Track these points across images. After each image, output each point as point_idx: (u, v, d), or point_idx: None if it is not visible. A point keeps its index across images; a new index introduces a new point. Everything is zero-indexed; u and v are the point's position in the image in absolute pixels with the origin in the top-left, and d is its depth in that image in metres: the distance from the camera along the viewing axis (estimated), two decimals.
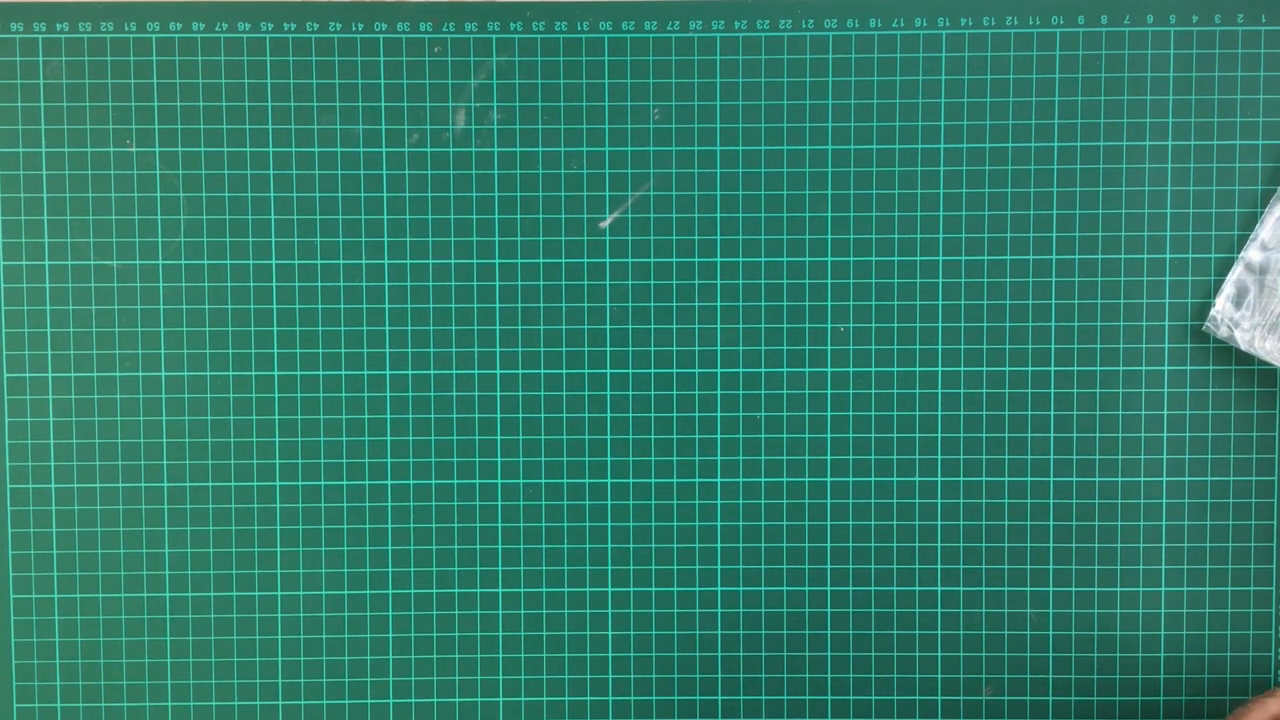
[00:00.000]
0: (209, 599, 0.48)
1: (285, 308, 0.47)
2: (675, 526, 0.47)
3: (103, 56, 0.46)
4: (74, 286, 0.47)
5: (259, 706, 0.48)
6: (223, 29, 0.46)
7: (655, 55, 0.46)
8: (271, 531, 0.47)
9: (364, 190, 0.47)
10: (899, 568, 0.47)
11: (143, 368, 0.47)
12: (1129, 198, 0.46)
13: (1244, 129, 0.46)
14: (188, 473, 0.47)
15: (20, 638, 0.48)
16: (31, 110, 0.47)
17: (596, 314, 0.47)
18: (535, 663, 0.48)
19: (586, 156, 0.47)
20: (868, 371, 0.47)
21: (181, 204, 0.47)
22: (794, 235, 0.47)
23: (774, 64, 0.46)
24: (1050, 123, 0.46)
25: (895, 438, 0.47)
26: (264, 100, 0.47)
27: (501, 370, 0.47)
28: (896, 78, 0.46)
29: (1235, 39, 0.46)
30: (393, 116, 0.47)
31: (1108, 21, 0.46)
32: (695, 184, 0.47)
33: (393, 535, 0.47)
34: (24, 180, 0.47)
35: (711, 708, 0.48)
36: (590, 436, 0.47)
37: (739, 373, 0.47)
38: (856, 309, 0.47)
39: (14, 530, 0.47)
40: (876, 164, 0.47)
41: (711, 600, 0.48)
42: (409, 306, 0.47)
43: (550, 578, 0.48)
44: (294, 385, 0.47)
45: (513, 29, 0.46)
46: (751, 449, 0.47)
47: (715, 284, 0.47)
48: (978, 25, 0.46)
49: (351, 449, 0.47)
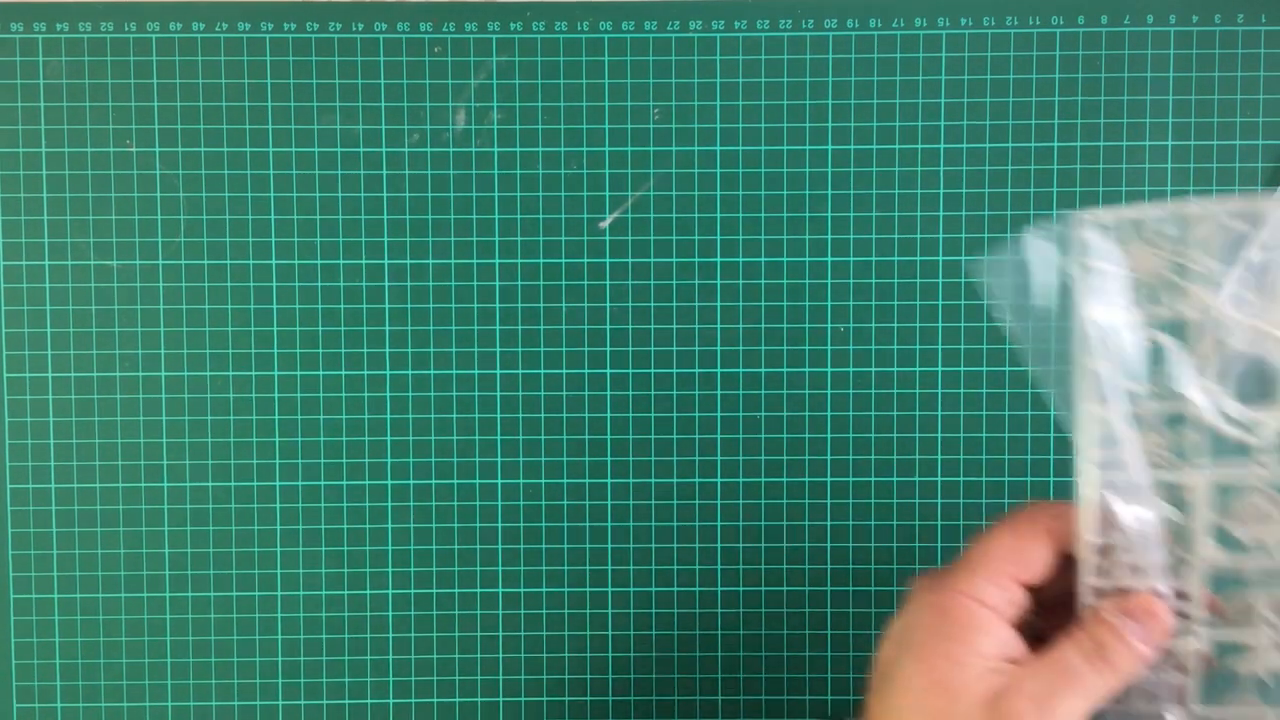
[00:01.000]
0: (209, 599, 0.48)
1: (285, 308, 0.47)
2: (675, 526, 0.47)
3: (103, 56, 0.46)
4: (74, 286, 0.47)
5: (259, 706, 0.48)
6: (223, 29, 0.46)
7: (655, 55, 0.46)
8: (271, 531, 0.47)
9: (364, 190, 0.47)
10: (899, 568, 0.47)
11: (143, 368, 0.47)
12: (1129, 198, 0.46)
13: (1244, 129, 0.46)
14: (188, 473, 0.47)
15: (20, 638, 0.48)
16: (31, 110, 0.47)
17: (596, 314, 0.47)
18: (535, 663, 0.48)
19: (586, 156, 0.47)
20: (868, 371, 0.47)
21: (181, 204, 0.47)
22: (794, 235, 0.47)
23: (774, 64, 0.46)
24: (1050, 123, 0.46)
25: (895, 438, 0.47)
26: (264, 100, 0.47)
27: (501, 370, 0.47)
28: (896, 78, 0.46)
29: (1235, 39, 0.46)
30: (393, 116, 0.47)
31: (1108, 21, 0.46)
32: (695, 184, 0.47)
33: (393, 535, 0.47)
34: (24, 180, 0.47)
35: (711, 708, 0.48)
36: (590, 436, 0.47)
37: (739, 373, 0.47)
38: (856, 309, 0.47)
39: (14, 530, 0.47)
40: (876, 164, 0.47)
41: (711, 600, 0.48)
42: (409, 306, 0.47)
43: (550, 578, 0.48)
44: (294, 385, 0.47)
45: (513, 29, 0.46)
46: (751, 449, 0.47)
47: (715, 284, 0.47)
48: (978, 25, 0.46)
49: (351, 449, 0.47)
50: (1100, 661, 0.33)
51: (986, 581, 0.34)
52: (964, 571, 0.35)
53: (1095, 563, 0.35)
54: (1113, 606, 0.34)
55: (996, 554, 0.35)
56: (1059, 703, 0.32)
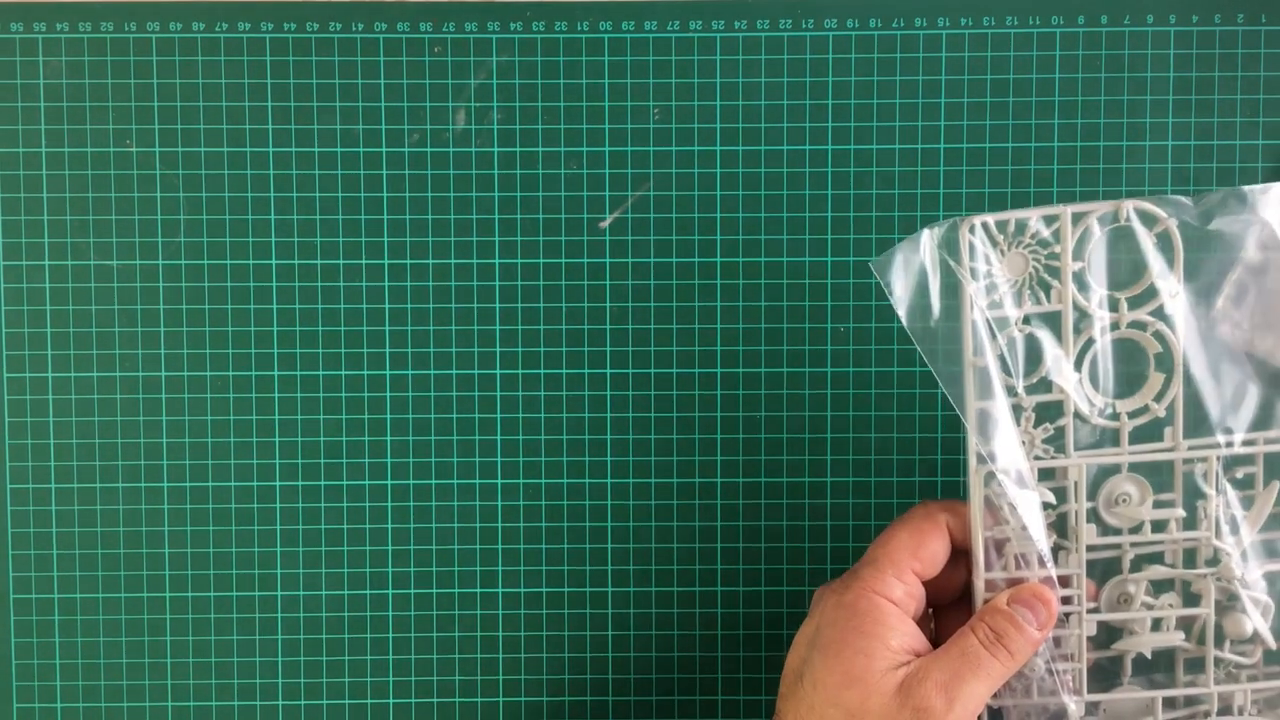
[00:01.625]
0: (209, 599, 0.48)
1: (285, 308, 0.47)
2: (675, 526, 0.47)
3: (103, 56, 0.46)
4: (74, 286, 0.47)
5: (259, 706, 0.48)
6: (223, 29, 0.46)
7: (655, 55, 0.46)
8: (271, 531, 0.47)
9: (364, 190, 0.47)
10: None
11: (143, 368, 0.47)
12: (1129, 198, 0.46)
13: (1244, 129, 0.46)
14: (188, 473, 0.47)
15: (20, 638, 0.48)
16: (31, 110, 0.47)
17: (596, 314, 0.47)
18: (535, 663, 0.48)
19: (586, 156, 0.47)
20: (868, 371, 0.47)
21: (181, 204, 0.47)
22: (794, 235, 0.47)
23: (774, 64, 0.46)
24: (1050, 123, 0.46)
25: (895, 438, 0.47)
26: (264, 100, 0.47)
27: (501, 370, 0.47)
28: (896, 78, 0.46)
29: (1235, 39, 0.46)
30: (393, 116, 0.47)
31: (1108, 21, 0.46)
32: (695, 184, 0.47)
33: (393, 535, 0.47)
34: (24, 180, 0.47)
35: (711, 708, 0.48)
36: (590, 436, 0.47)
37: (739, 373, 0.47)
38: (856, 309, 0.47)
39: (14, 530, 0.47)
40: (876, 164, 0.47)
41: (711, 600, 0.48)
42: (409, 306, 0.47)
43: (550, 578, 0.48)
44: (294, 385, 0.47)
45: (513, 29, 0.46)
46: (751, 449, 0.47)
47: (715, 284, 0.47)
48: (978, 25, 0.46)
49: (351, 449, 0.47)
50: (998, 648, 0.36)
51: (893, 578, 0.37)
52: (870, 569, 0.37)
53: (986, 555, 0.37)
54: (1006, 596, 0.37)
55: (899, 551, 0.37)
56: (963, 687, 0.35)
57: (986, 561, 0.37)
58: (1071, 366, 0.37)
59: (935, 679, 0.35)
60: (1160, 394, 0.37)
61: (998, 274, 0.37)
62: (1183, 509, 0.37)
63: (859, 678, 0.35)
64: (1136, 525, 0.38)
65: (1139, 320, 0.37)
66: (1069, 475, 0.37)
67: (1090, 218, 0.36)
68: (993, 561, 0.37)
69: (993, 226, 0.37)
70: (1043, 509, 0.37)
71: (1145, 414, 0.37)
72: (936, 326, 0.37)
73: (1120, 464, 0.37)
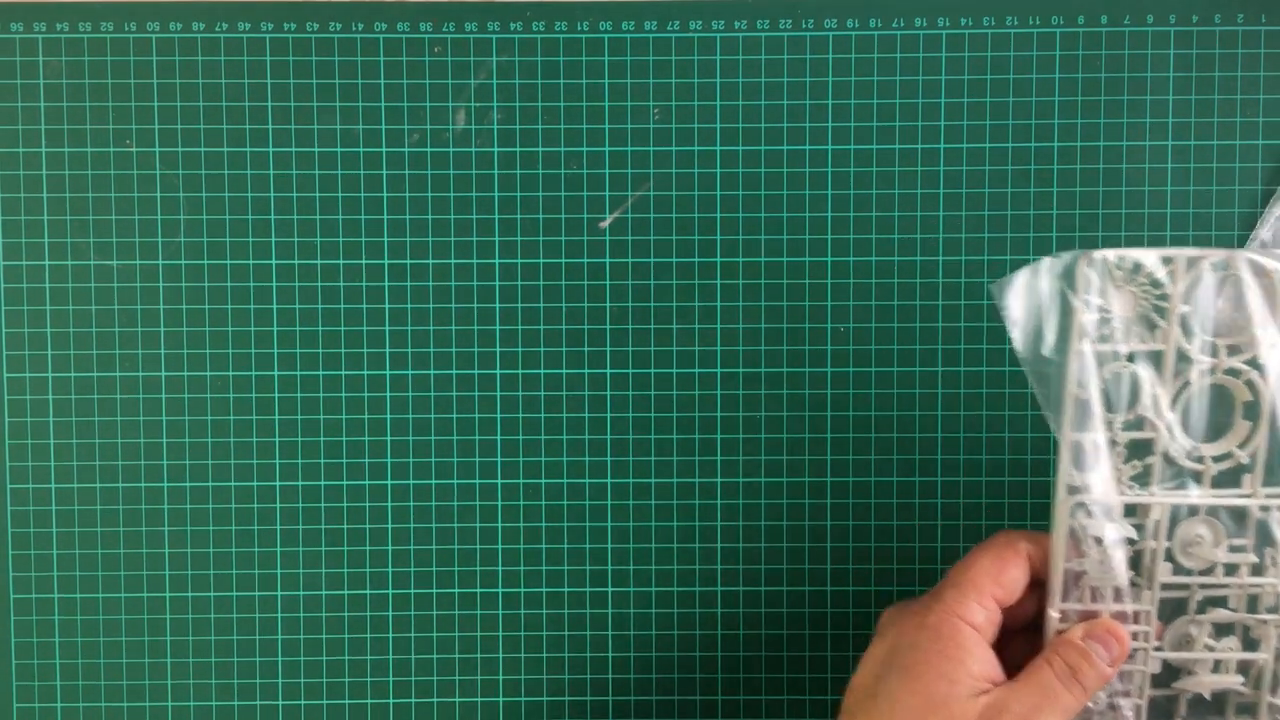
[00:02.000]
0: (209, 599, 0.48)
1: (285, 308, 0.47)
2: (675, 526, 0.47)
3: (103, 56, 0.46)
4: (74, 286, 0.47)
5: (259, 706, 0.48)
6: (223, 29, 0.46)
7: (655, 55, 0.46)
8: (271, 531, 0.47)
9: (364, 190, 0.47)
10: (899, 568, 0.47)
11: (143, 368, 0.47)
12: (1129, 198, 0.46)
13: (1244, 129, 0.46)
14: (188, 473, 0.47)
15: (20, 638, 0.48)
16: (31, 110, 0.47)
17: (596, 314, 0.47)
18: (535, 663, 0.48)
19: (586, 156, 0.47)
20: (868, 371, 0.47)
21: (181, 204, 0.47)
22: (794, 235, 0.47)
23: (774, 64, 0.46)
24: (1050, 123, 0.46)
25: (895, 438, 0.47)
26: (264, 100, 0.47)
27: (501, 370, 0.47)
28: (896, 78, 0.46)
29: (1235, 39, 0.46)
30: (393, 116, 0.47)
31: (1108, 21, 0.46)
32: (695, 184, 0.47)
33: (393, 535, 0.47)
34: (24, 180, 0.47)
35: (711, 708, 0.48)
36: (590, 436, 0.47)
37: (739, 373, 0.47)
38: (856, 309, 0.47)
39: (14, 530, 0.47)
40: (876, 164, 0.47)
41: (711, 600, 0.48)
42: (409, 306, 0.47)
43: (550, 578, 0.48)
44: (294, 385, 0.47)
45: (513, 29, 0.46)
46: (751, 449, 0.47)
47: (715, 284, 0.47)
48: (978, 25, 0.46)
49: (351, 449, 0.47)
50: (1073, 682, 0.36)
51: (975, 603, 0.37)
52: (953, 592, 0.37)
53: (1063, 586, 0.38)
54: (1081, 630, 0.37)
55: (982, 576, 0.37)
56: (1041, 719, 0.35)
57: (1061, 592, 0.38)
58: (1168, 406, 0.37)
59: (1015, 710, 0.35)
60: (1245, 441, 0.37)
61: (1111, 309, 0.37)
62: (1254, 555, 0.38)
63: (941, 703, 0.35)
64: (1209, 568, 0.38)
65: (1234, 368, 0.37)
66: (1150, 513, 0.37)
67: (1203, 263, 0.37)
68: (1069, 592, 0.38)
69: (1112, 262, 0.37)
70: (1123, 544, 0.37)
71: (1229, 459, 0.37)
72: (1049, 355, 0.37)
73: (1199, 506, 0.38)
